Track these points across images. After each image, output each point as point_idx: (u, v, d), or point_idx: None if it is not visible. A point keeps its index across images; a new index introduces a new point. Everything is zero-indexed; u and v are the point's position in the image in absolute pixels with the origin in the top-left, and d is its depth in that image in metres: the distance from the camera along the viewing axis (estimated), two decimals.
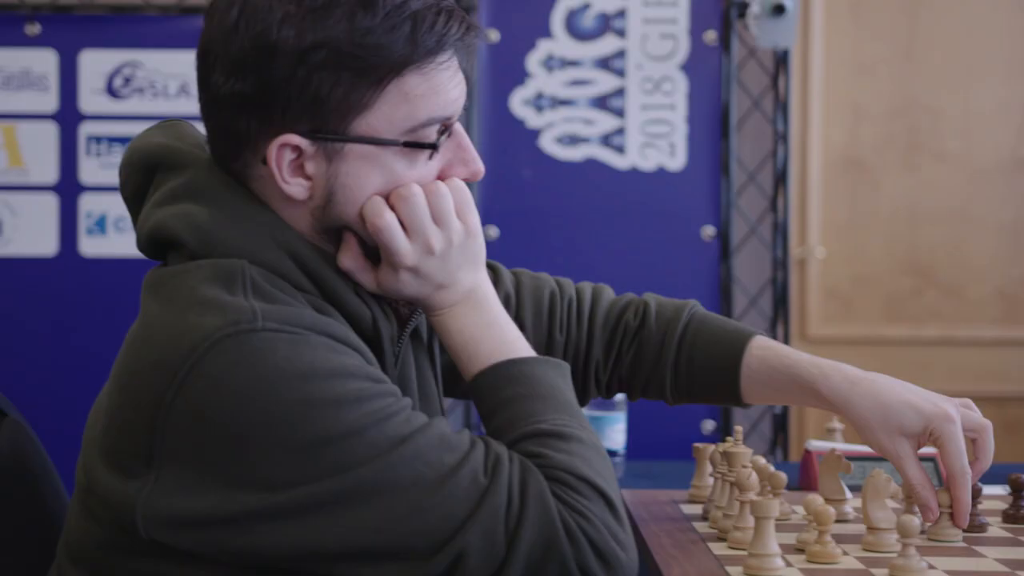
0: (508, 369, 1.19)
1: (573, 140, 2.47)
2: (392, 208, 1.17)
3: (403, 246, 1.18)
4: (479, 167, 1.22)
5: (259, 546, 1.08)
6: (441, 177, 1.21)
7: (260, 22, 1.13)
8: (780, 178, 2.54)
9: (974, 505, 1.33)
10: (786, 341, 2.56)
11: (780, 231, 2.52)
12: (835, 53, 3.69)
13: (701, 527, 1.37)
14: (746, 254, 2.67)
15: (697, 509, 1.47)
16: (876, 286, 3.72)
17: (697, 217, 2.47)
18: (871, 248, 3.72)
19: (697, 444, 1.53)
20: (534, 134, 2.47)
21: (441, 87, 1.17)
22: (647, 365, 1.42)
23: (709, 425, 2.46)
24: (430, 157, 1.19)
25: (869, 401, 1.32)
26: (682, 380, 1.41)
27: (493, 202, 2.48)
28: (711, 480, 1.45)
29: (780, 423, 2.65)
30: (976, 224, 3.70)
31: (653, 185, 2.46)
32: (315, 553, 1.07)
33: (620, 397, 1.89)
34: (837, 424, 1.90)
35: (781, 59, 2.49)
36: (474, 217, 1.21)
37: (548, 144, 2.48)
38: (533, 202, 2.48)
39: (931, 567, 1.17)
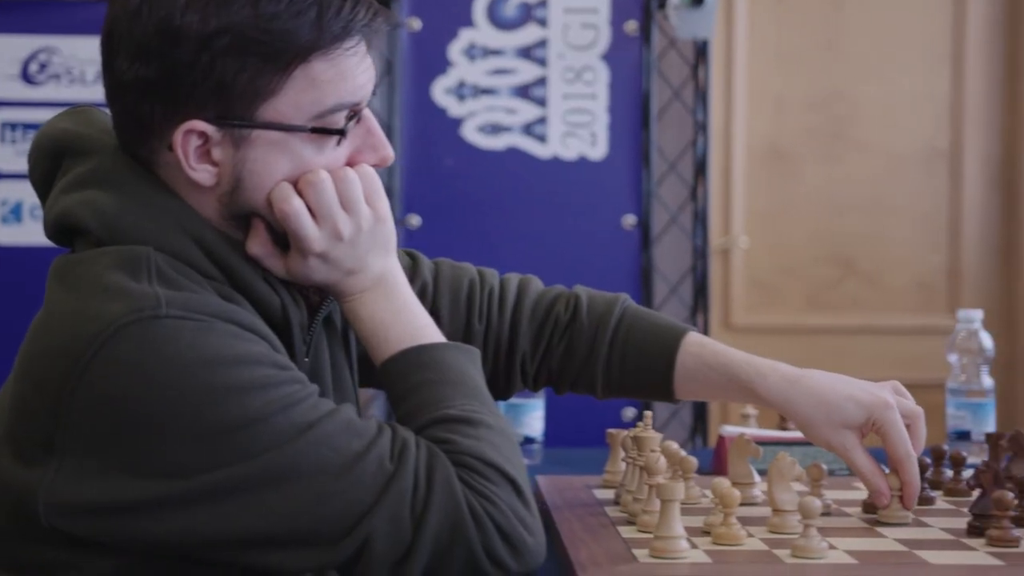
0: (418, 355, 1.19)
1: (495, 129, 2.47)
2: (300, 194, 1.17)
3: (311, 232, 1.18)
4: (388, 153, 1.23)
5: (163, 534, 1.07)
6: (350, 163, 1.21)
7: (164, 7, 1.12)
8: (700, 168, 2.57)
9: (921, 481, 1.37)
10: (706, 330, 2.59)
11: (700, 220, 2.55)
12: (758, 44, 3.74)
13: (612, 511, 1.39)
14: (667, 243, 2.69)
15: (610, 494, 1.48)
16: (798, 275, 3.77)
17: (618, 206, 2.49)
18: (794, 238, 3.77)
19: (611, 430, 1.55)
20: (456, 123, 2.48)
21: (349, 73, 1.17)
22: (578, 360, 1.42)
23: (630, 412, 2.48)
24: (338, 143, 1.19)
25: (810, 399, 1.34)
26: (614, 376, 1.41)
27: (415, 191, 2.48)
28: (623, 465, 1.46)
29: (700, 410, 2.68)
30: (895, 214, 3.76)
31: (574, 174, 2.48)
32: (220, 540, 1.07)
33: None
34: (751, 410, 1.93)
35: (701, 50, 2.51)
36: (383, 203, 1.21)
37: (470, 133, 2.48)
38: (455, 191, 2.49)
39: (832, 547, 1.19)
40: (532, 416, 1.90)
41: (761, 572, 1.10)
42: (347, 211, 1.19)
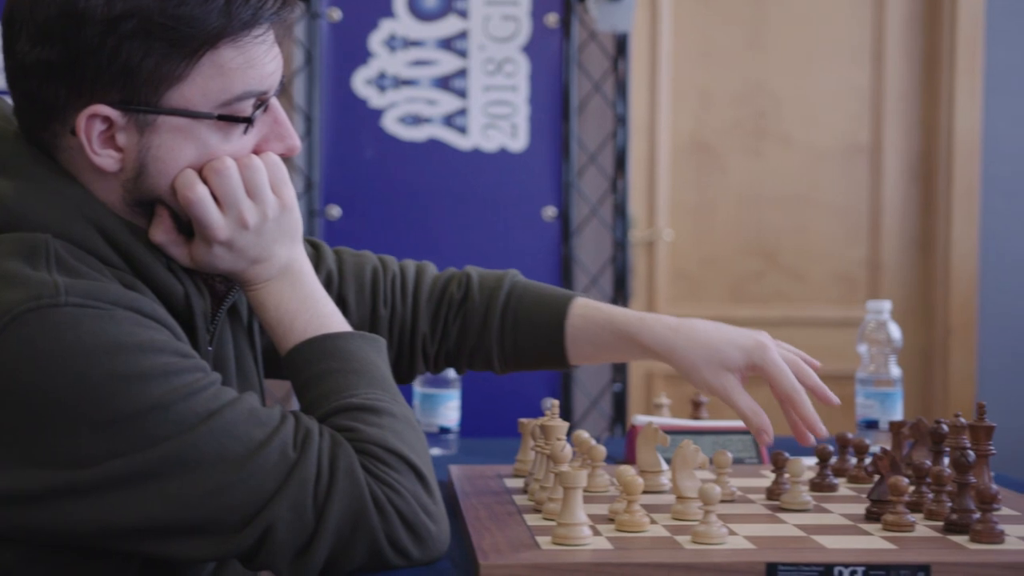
0: (323, 343, 1.19)
1: (416, 120, 2.47)
2: (205, 181, 1.17)
3: (216, 220, 1.17)
4: (295, 143, 1.23)
5: (63, 523, 1.06)
6: (257, 152, 1.21)
7: None
8: (620, 160, 2.59)
9: (822, 469, 1.43)
10: None
11: (620, 212, 2.57)
12: (683, 39, 3.77)
13: (520, 499, 1.40)
14: (587, 235, 2.71)
15: (520, 483, 1.49)
16: (722, 268, 3.81)
17: (538, 198, 2.50)
18: (717, 231, 3.80)
19: (522, 419, 1.56)
20: (376, 114, 2.47)
21: (257, 61, 1.17)
22: (473, 335, 1.45)
23: (549, 403, 2.49)
24: (245, 131, 1.19)
25: (692, 344, 1.39)
26: (508, 346, 1.44)
27: (335, 182, 2.47)
28: (533, 454, 1.47)
29: (620, 401, 2.71)
30: (817, 208, 3.81)
31: (495, 166, 2.48)
32: (121, 529, 1.07)
33: (453, 375, 1.91)
34: (664, 400, 1.95)
35: (621, 43, 2.53)
36: (289, 191, 1.21)
37: (391, 124, 2.48)
38: (375, 182, 2.48)
39: (732, 532, 1.21)
40: (447, 406, 1.91)
41: (659, 558, 1.12)
42: (253, 199, 1.19)
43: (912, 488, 1.35)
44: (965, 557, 1.13)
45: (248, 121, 1.18)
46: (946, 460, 1.37)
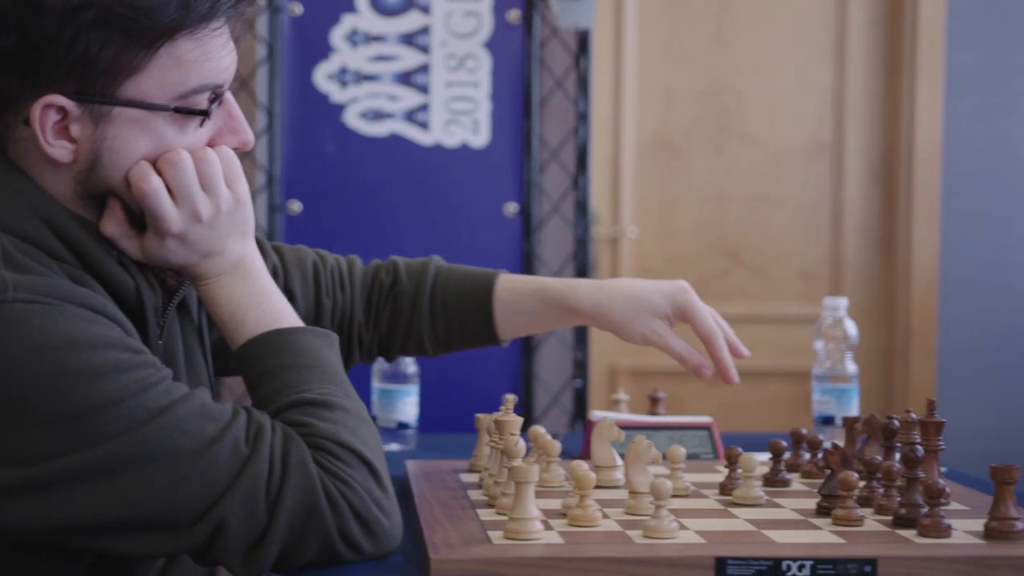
0: (275, 339, 1.19)
1: (377, 116, 2.47)
2: (159, 173, 1.17)
3: (170, 212, 1.17)
4: (249, 137, 1.23)
5: (14, 521, 1.06)
6: (210, 145, 1.21)
7: None
8: (581, 157, 2.59)
9: (775, 464, 1.45)
10: None
11: (581, 209, 2.57)
12: (648, 36, 3.78)
13: (475, 494, 1.40)
14: (549, 231, 2.71)
15: (475, 478, 1.50)
16: (686, 265, 3.83)
17: (500, 194, 2.50)
18: (681, 228, 3.82)
19: (478, 415, 1.56)
20: (338, 109, 2.47)
21: (214, 54, 1.17)
22: (404, 319, 1.49)
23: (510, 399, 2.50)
24: (201, 124, 1.19)
25: (619, 299, 1.45)
26: (439, 327, 1.49)
27: (296, 177, 2.47)
28: (488, 449, 1.48)
29: (580, 397, 2.71)
30: (780, 205, 3.83)
31: (457, 161, 2.48)
32: (73, 526, 1.06)
33: (413, 370, 1.92)
34: (623, 396, 1.96)
35: (583, 40, 2.54)
36: (243, 185, 1.21)
37: (352, 119, 2.48)
38: (337, 177, 2.48)
39: (683, 527, 1.22)
40: (406, 401, 1.91)
41: (610, 552, 1.12)
42: (207, 192, 1.19)
43: (863, 483, 1.36)
44: (912, 551, 1.14)
45: (205, 114, 1.18)
46: (897, 455, 1.38)
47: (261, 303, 1.21)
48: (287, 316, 1.22)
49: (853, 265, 3.86)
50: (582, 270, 2.60)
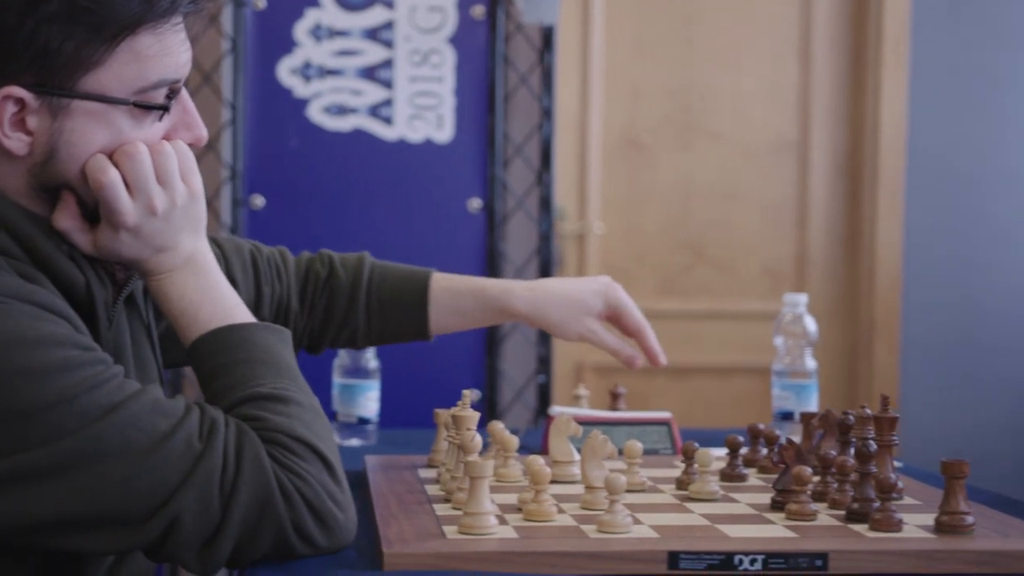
0: (228, 334, 1.19)
1: (341, 110, 2.46)
2: (116, 166, 1.17)
3: (125, 204, 1.17)
4: (203, 133, 1.23)
5: None
6: (165, 140, 1.21)
7: None
8: (546, 153, 2.60)
9: (732, 459, 1.47)
10: None
11: (545, 205, 2.58)
12: (614, 33, 3.79)
13: (432, 489, 1.40)
14: (513, 227, 2.72)
15: (433, 473, 1.50)
16: (651, 261, 3.84)
17: (464, 189, 2.50)
18: (647, 224, 3.83)
19: (437, 410, 1.56)
20: (302, 104, 2.46)
21: (173, 49, 1.18)
22: (340, 312, 1.54)
23: (474, 395, 2.50)
24: (159, 119, 1.19)
25: (555, 300, 1.56)
26: (374, 321, 1.55)
27: (259, 171, 2.46)
28: (446, 444, 1.48)
29: (544, 392, 2.72)
30: (745, 202, 3.85)
31: (420, 157, 2.48)
32: (27, 524, 1.06)
33: (375, 364, 1.91)
34: (583, 391, 1.96)
35: (548, 36, 2.54)
36: (198, 181, 1.21)
37: (316, 114, 2.47)
38: (300, 172, 2.47)
39: (638, 522, 1.22)
40: (367, 397, 1.91)
41: (564, 547, 1.13)
42: (162, 185, 1.19)
43: (817, 478, 1.37)
44: (862, 545, 1.15)
45: (164, 109, 1.19)
46: (853, 450, 1.39)
47: (214, 299, 1.21)
48: (240, 312, 1.22)
49: (818, 262, 3.88)
50: (546, 266, 2.60)
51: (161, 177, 1.18)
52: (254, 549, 1.11)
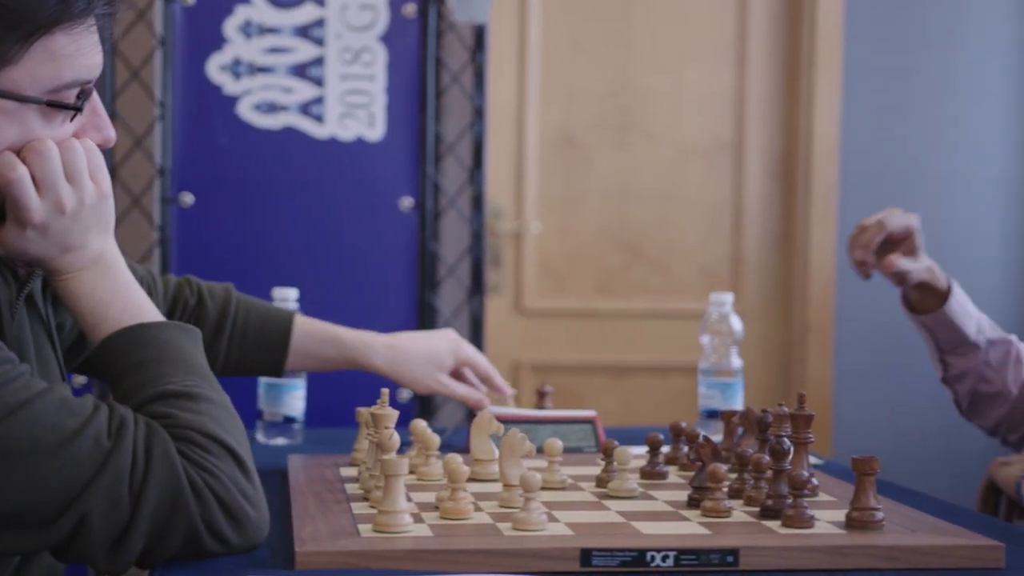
0: (138, 333, 1.19)
1: (271, 108, 2.45)
2: (24, 163, 1.16)
3: (33, 201, 1.16)
4: (111, 134, 1.23)
5: None
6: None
7: None
8: (477, 153, 2.60)
9: (652, 457, 1.47)
10: (482, 312, 2.62)
11: (477, 204, 2.58)
12: (551, 33, 3.79)
13: (352, 488, 1.40)
14: (445, 226, 2.72)
15: (355, 471, 1.50)
16: (589, 261, 3.85)
17: (395, 188, 2.49)
18: (584, 224, 3.84)
19: (359, 408, 1.56)
20: (231, 101, 2.44)
21: (87, 50, 1.18)
22: (204, 340, 1.53)
23: (405, 394, 2.50)
24: (72, 119, 1.19)
25: (412, 358, 1.69)
26: (233, 355, 1.62)
27: (188, 168, 2.44)
28: (368, 443, 1.48)
29: None
30: (682, 203, 3.87)
31: (352, 155, 2.47)
32: None
33: None
34: (510, 389, 1.96)
35: (480, 34, 2.54)
36: (106, 179, 1.21)
37: (246, 111, 2.45)
38: (230, 169, 2.45)
39: (553, 519, 1.23)
40: (293, 395, 1.89)
41: (478, 544, 1.13)
42: (71, 183, 1.18)
43: (734, 475, 1.38)
44: (773, 541, 1.16)
45: (77, 109, 1.18)
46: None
47: (122, 298, 1.20)
48: (149, 311, 1.21)
49: (753, 262, 3.92)
50: (477, 264, 2.61)
51: (70, 175, 1.18)
52: (165, 547, 1.10)
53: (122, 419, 1.10)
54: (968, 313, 1.87)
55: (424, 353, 1.69)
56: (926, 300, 1.90)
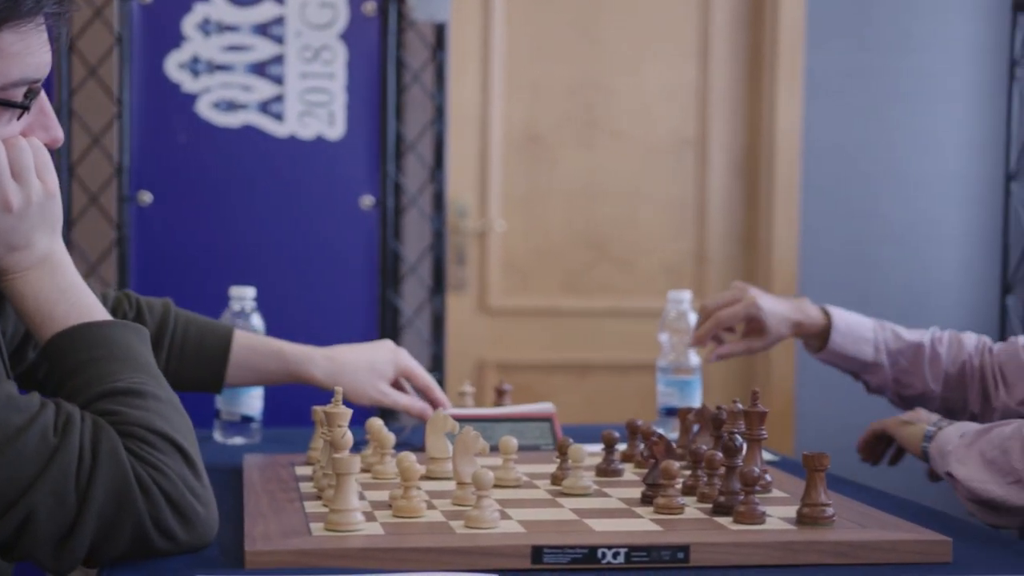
0: (86, 332, 1.18)
1: (230, 106, 2.44)
2: None
3: None
4: (59, 134, 1.22)
5: None
6: None
7: None
8: (439, 151, 2.60)
9: (607, 455, 1.48)
10: (443, 311, 2.62)
11: (439, 203, 2.58)
12: (516, 31, 3.79)
13: (306, 487, 1.40)
14: (407, 225, 2.71)
15: (310, 470, 1.49)
16: (553, 259, 3.85)
17: (356, 186, 2.49)
18: (549, 222, 3.85)
19: (315, 407, 1.55)
20: (190, 99, 2.43)
21: (35, 49, 1.17)
22: None
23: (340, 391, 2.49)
24: (19, 117, 1.18)
25: (352, 370, 1.68)
26: (172, 366, 1.59)
27: (146, 167, 2.43)
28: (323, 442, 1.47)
29: None
30: (646, 200, 3.88)
31: (312, 154, 2.47)
32: None
33: None
34: (468, 388, 1.97)
35: (440, 33, 2.54)
36: (53, 178, 1.20)
37: (205, 109, 2.44)
38: (188, 168, 2.44)
39: (506, 517, 1.23)
40: (251, 395, 1.89)
41: (429, 542, 1.13)
42: (18, 182, 1.17)
43: (688, 472, 1.39)
44: (724, 537, 1.17)
45: (24, 107, 1.17)
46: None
47: (70, 297, 1.20)
48: (97, 310, 1.21)
49: (717, 260, 3.93)
50: (439, 263, 2.60)
51: (16, 173, 1.17)
52: (113, 545, 1.09)
53: (69, 416, 1.09)
54: (859, 338, 1.88)
55: (364, 364, 1.69)
56: (810, 341, 1.92)
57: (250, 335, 1.68)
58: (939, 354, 1.85)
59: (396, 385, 1.76)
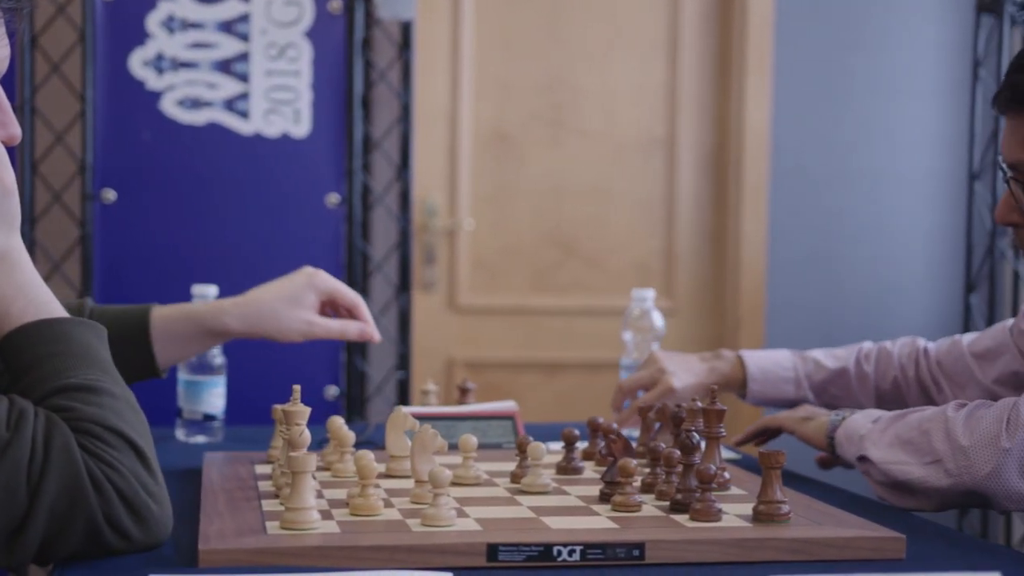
0: (42, 328, 1.17)
1: (195, 104, 2.43)
2: None
3: None
4: (16, 131, 1.22)
5: None
6: None
7: None
8: (405, 149, 2.60)
9: (568, 452, 1.48)
10: (410, 309, 2.62)
11: (405, 201, 2.58)
12: (484, 29, 3.79)
13: (265, 485, 1.39)
14: (375, 223, 2.71)
15: (270, 469, 1.49)
16: (522, 257, 3.86)
17: (322, 184, 2.48)
18: (518, 220, 3.85)
19: (276, 406, 1.55)
20: (155, 96, 2.42)
21: None
22: None
23: (332, 391, 2.49)
24: None
25: (268, 308, 1.59)
26: None
27: (111, 165, 2.42)
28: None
29: (404, 388, 2.72)
30: (615, 199, 3.89)
31: (277, 151, 2.46)
32: None
33: (220, 361, 1.89)
34: (432, 386, 1.97)
35: (407, 31, 2.54)
36: (10, 176, 1.19)
37: (169, 107, 2.43)
38: (153, 166, 2.43)
39: (463, 515, 1.23)
40: (212, 393, 1.88)
41: (385, 540, 1.13)
42: None
43: (648, 470, 1.39)
44: (679, 535, 1.17)
45: None
46: None
47: (27, 294, 1.19)
48: (54, 307, 1.20)
49: (685, 258, 3.94)
50: (406, 261, 2.60)
51: None
52: (64, 542, 1.09)
53: (21, 411, 1.09)
54: (778, 379, 1.88)
55: (282, 299, 1.59)
56: (735, 391, 1.93)
57: (168, 307, 1.61)
58: (866, 373, 1.84)
59: (324, 313, 1.66)
